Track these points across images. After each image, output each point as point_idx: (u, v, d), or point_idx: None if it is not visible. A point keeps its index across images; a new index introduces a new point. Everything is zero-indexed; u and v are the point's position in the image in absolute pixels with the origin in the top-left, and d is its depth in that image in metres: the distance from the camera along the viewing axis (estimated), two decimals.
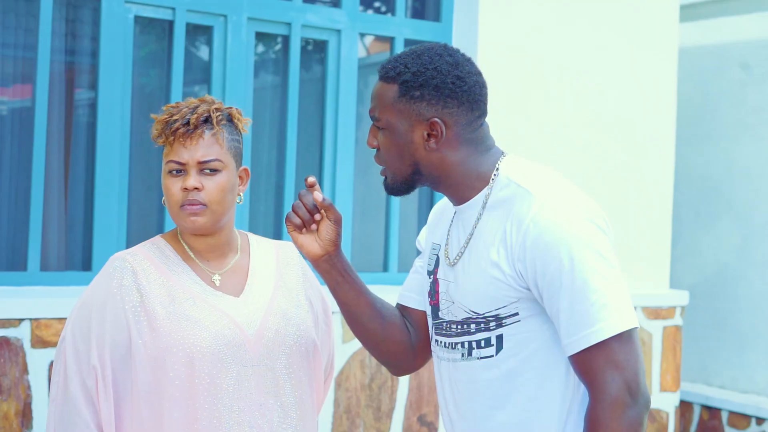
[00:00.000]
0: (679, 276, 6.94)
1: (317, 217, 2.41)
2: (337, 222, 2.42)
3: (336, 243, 2.43)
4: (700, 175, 6.99)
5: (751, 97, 6.76)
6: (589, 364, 2.16)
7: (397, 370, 2.61)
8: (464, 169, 2.31)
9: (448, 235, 2.42)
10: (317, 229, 2.42)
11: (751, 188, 6.73)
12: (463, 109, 2.29)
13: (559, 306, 2.17)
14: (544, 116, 5.45)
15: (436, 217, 2.55)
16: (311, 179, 2.39)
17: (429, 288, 2.46)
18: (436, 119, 2.27)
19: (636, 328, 2.18)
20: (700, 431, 6.73)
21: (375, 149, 2.39)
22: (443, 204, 2.54)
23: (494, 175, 2.31)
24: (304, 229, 2.42)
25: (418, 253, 2.63)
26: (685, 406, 6.78)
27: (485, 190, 2.31)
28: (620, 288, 2.18)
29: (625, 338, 2.15)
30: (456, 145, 2.30)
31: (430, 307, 2.45)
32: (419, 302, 2.54)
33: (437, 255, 2.44)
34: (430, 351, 2.55)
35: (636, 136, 5.77)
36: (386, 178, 2.38)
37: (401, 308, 2.58)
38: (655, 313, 5.81)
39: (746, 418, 6.47)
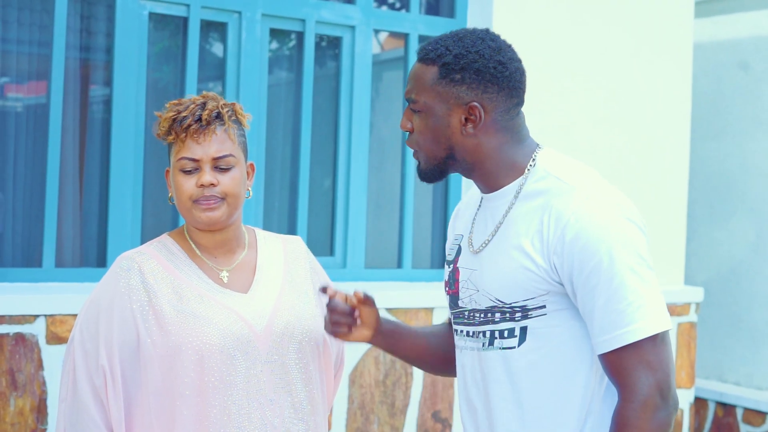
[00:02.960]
0: (694, 272, 6.92)
1: (356, 313, 2.50)
2: (372, 304, 2.51)
3: (378, 319, 2.52)
4: (715, 171, 6.97)
5: (767, 93, 6.74)
6: (621, 363, 2.15)
7: (446, 375, 2.69)
8: (499, 156, 2.30)
9: (473, 223, 2.40)
10: (360, 318, 2.52)
11: (765, 184, 6.71)
12: (503, 95, 2.27)
13: (594, 304, 2.16)
14: (558, 114, 5.44)
15: (459, 210, 2.54)
16: (330, 292, 2.50)
17: (448, 278, 2.45)
18: (475, 103, 2.25)
19: (669, 330, 2.17)
20: (714, 428, 6.72)
21: (408, 132, 2.35)
22: (466, 199, 2.53)
23: (530, 165, 2.30)
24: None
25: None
26: (699, 403, 6.77)
27: (519, 180, 2.29)
28: (656, 289, 2.17)
29: (659, 340, 2.15)
30: (493, 131, 2.29)
31: (448, 297, 2.45)
32: None
33: (459, 245, 2.43)
34: None
35: (650, 132, 5.76)
36: (419, 163, 2.36)
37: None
38: (669, 309, 5.77)
39: (761, 414, 6.45)
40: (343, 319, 2.50)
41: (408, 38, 5.30)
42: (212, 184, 2.47)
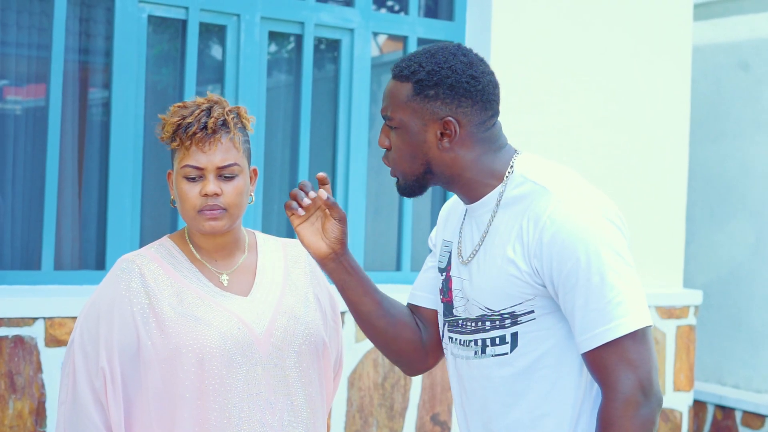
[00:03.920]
0: (693, 275, 6.92)
1: (312, 194, 2.39)
2: (342, 220, 2.40)
3: (342, 241, 2.42)
4: (714, 173, 6.97)
5: (766, 95, 6.74)
6: (602, 361, 2.16)
7: (410, 370, 2.59)
8: (477, 167, 2.31)
9: (461, 233, 2.41)
10: (323, 228, 2.41)
11: (765, 186, 6.71)
12: (477, 109, 2.29)
13: (574, 303, 2.17)
14: (557, 115, 5.44)
15: (445, 214, 2.54)
16: (322, 174, 2.40)
17: (441, 285, 2.45)
18: (450, 118, 2.27)
19: (650, 326, 2.18)
20: (713, 431, 6.71)
21: (386, 149, 2.38)
22: (453, 202, 2.53)
23: (508, 172, 2.31)
24: (309, 224, 2.41)
25: (430, 251, 2.62)
26: (698, 406, 6.76)
27: (499, 188, 2.31)
28: (635, 286, 2.19)
29: (639, 337, 2.15)
30: (469, 144, 2.30)
31: (442, 305, 2.45)
32: (430, 301, 2.53)
33: (449, 252, 2.43)
34: (443, 350, 2.54)
35: (650, 134, 5.76)
36: (398, 179, 2.37)
37: (412, 307, 2.57)
38: (668, 312, 5.80)
39: (760, 417, 6.45)
40: (294, 191, 2.38)
41: (407, 41, 5.30)
42: (216, 193, 2.47)
